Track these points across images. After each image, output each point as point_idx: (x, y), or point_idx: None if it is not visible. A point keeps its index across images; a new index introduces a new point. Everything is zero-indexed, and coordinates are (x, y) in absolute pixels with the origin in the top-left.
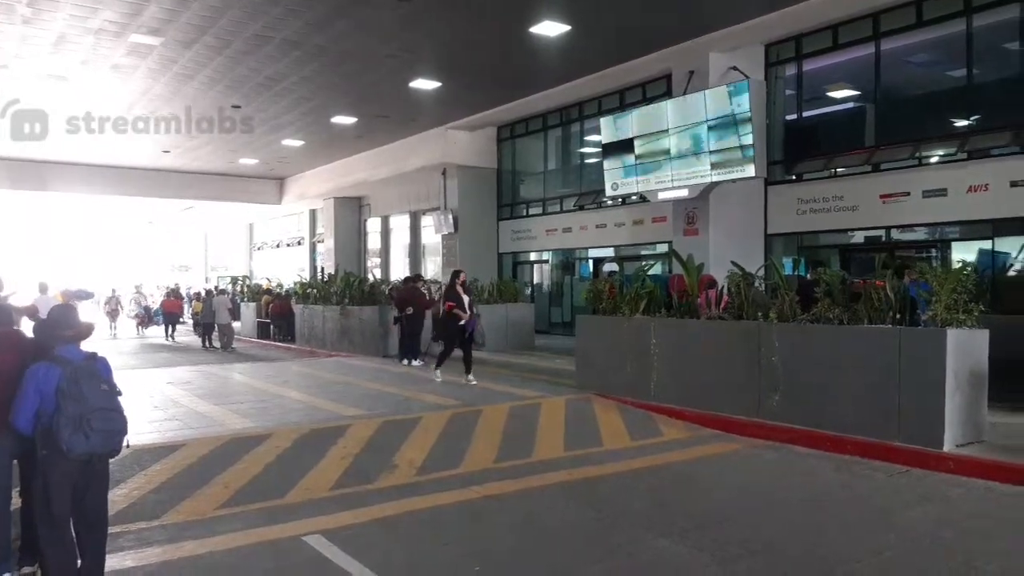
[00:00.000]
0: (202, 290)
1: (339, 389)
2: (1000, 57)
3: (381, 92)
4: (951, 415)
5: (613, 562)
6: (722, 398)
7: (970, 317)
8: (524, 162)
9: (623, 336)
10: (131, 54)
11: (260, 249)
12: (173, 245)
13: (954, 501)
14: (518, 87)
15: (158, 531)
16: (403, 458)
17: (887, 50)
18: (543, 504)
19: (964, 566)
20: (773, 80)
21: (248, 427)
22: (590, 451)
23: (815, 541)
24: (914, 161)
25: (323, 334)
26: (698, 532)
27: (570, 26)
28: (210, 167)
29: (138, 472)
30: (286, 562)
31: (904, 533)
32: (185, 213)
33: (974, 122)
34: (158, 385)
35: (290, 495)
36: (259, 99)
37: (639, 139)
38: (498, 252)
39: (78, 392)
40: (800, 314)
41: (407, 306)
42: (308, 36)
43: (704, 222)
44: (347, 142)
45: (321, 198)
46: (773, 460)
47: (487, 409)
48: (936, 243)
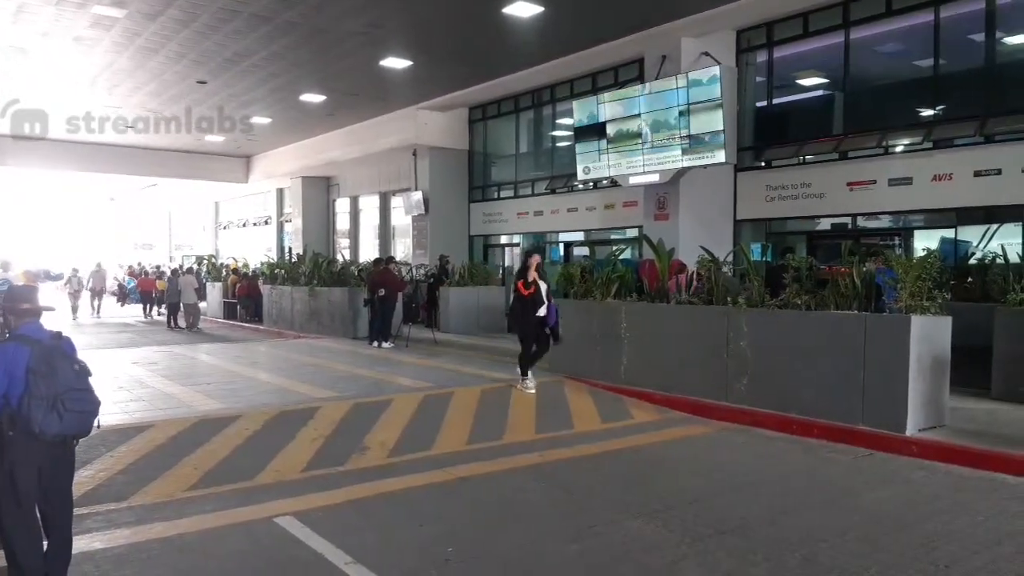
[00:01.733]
0: (167, 269)
1: (309, 371)
2: (966, 48)
3: (351, 70)
4: (914, 400)
5: (585, 542)
6: (692, 381)
7: (933, 304)
8: (496, 144)
9: (594, 320)
10: (94, 26)
11: (226, 228)
12: (136, 223)
13: (916, 483)
14: (490, 68)
15: (126, 513)
16: (375, 440)
17: (856, 39)
18: (515, 486)
19: (925, 546)
20: (744, 66)
21: (217, 408)
22: (561, 433)
23: (782, 522)
24: (881, 150)
25: (291, 315)
26: (668, 513)
27: (543, 7)
28: (174, 144)
29: (105, 453)
30: (258, 544)
31: (868, 514)
32: (148, 190)
33: (940, 112)
34: (123, 365)
35: (260, 477)
36: (226, 75)
37: (611, 123)
38: (469, 235)
39: (50, 372)
40: (769, 300)
41: (379, 288)
42: (277, 11)
43: (674, 207)
44: (316, 120)
45: (289, 177)
46: (742, 443)
47: (459, 391)
48: (901, 231)
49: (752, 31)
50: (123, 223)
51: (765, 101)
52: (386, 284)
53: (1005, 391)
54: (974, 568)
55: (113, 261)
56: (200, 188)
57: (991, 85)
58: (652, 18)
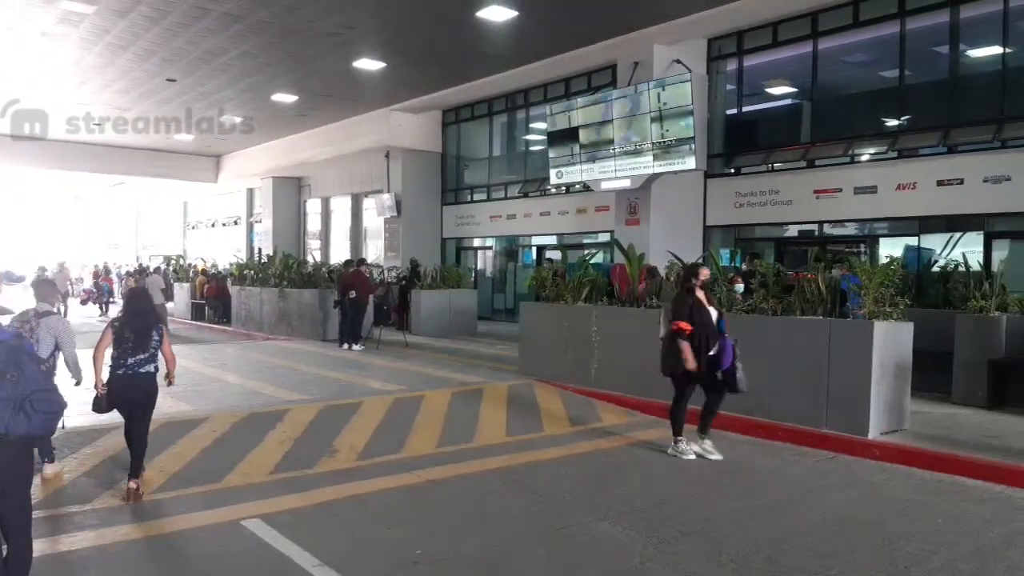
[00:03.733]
0: (133, 269)
1: (278, 373)
2: (931, 60)
3: (324, 70)
4: (876, 404)
5: (553, 544)
6: (660, 385)
7: (896, 310)
8: (469, 147)
9: (565, 323)
10: (62, 22)
11: (195, 228)
12: (103, 222)
13: (878, 486)
14: (464, 71)
15: (91, 515)
16: (344, 443)
17: (824, 49)
18: (484, 488)
19: (886, 547)
20: (715, 74)
21: (184, 410)
22: (531, 436)
23: (747, 523)
24: (847, 158)
25: (260, 317)
26: (635, 514)
27: (517, 12)
28: (143, 142)
29: (68, 455)
30: (224, 546)
31: (830, 516)
32: (116, 189)
33: (904, 122)
34: (87, 366)
35: (228, 479)
36: (196, 73)
37: (584, 128)
38: (441, 237)
39: (17, 372)
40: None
41: (350, 290)
42: (249, 10)
43: (646, 212)
44: (288, 121)
45: (259, 177)
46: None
47: (429, 394)
48: (866, 238)
49: (723, 40)
50: (90, 222)
51: (735, 109)
52: (357, 286)
53: (965, 396)
54: (933, 568)
55: (78, 262)
56: (169, 187)
57: (955, 96)
58: (625, 24)
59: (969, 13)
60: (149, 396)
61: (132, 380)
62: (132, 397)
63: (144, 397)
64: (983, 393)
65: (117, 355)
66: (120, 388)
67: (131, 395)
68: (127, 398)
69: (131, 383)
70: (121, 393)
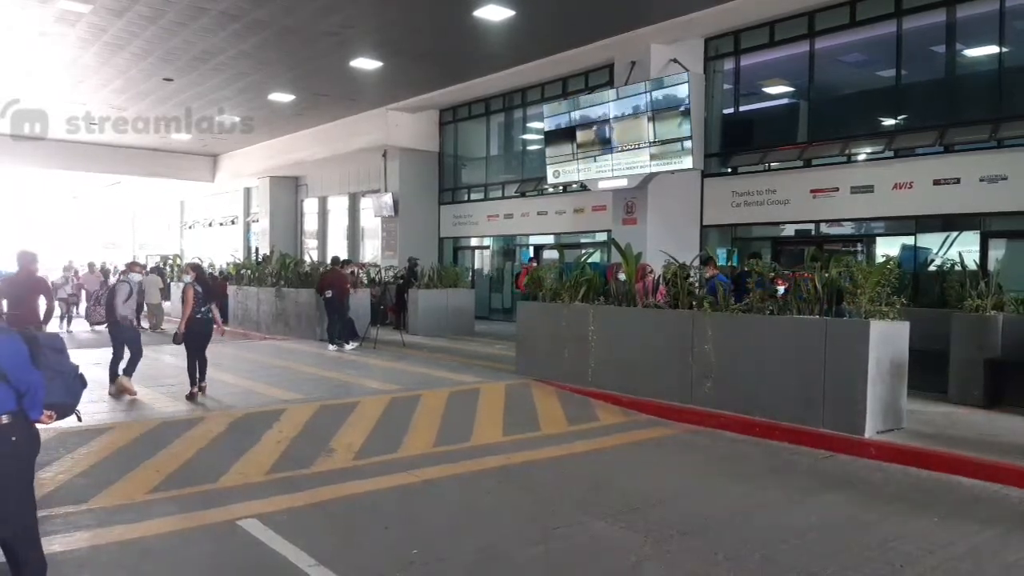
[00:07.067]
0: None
1: (275, 372)
2: (927, 60)
3: (321, 70)
4: (873, 403)
5: (549, 544)
6: (657, 384)
7: (892, 309)
8: (466, 147)
9: (562, 323)
10: (59, 21)
11: (192, 227)
12: (100, 222)
13: (875, 485)
14: (461, 70)
15: (86, 515)
16: (341, 442)
17: (821, 49)
18: (481, 488)
19: (882, 546)
20: (712, 74)
21: (180, 410)
22: (528, 436)
23: (743, 522)
24: (844, 158)
25: (257, 316)
26: (632, 514)
27: (514, 11)
28: (140, 142)
29: (64, 455)
30: (221, 547)
31: (827, 515)
32: (113, 188)
33: (901, 122)
34: (84, 366)
35: (224, 479)
36: (193, 73)
37: (581, 128)
38: (439, 237)
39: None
40: (733, 304)
41: (326, 289)
42: (246, 9)
43: (642, 212)
44: (285, 120)
45: (256, 177)
46: (705, 446)
47: (426, 394)
48: (863, 238)
49: (720, 39)
50: (86, 221)
51: (732, 108)
52: (333, 286)
53: (961, 395)
54: (928, 567)
55: (76, 261)
56: (165, 187)
57: (951, 96)
58: (622, 24)
59: (965, 13)
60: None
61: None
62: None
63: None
64: (979, 392)
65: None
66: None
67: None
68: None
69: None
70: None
